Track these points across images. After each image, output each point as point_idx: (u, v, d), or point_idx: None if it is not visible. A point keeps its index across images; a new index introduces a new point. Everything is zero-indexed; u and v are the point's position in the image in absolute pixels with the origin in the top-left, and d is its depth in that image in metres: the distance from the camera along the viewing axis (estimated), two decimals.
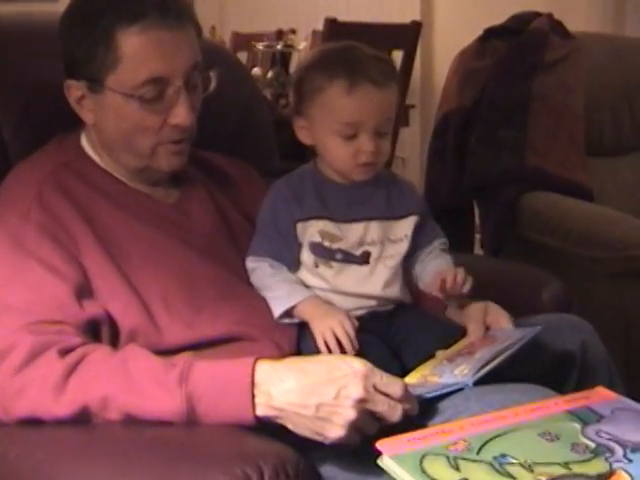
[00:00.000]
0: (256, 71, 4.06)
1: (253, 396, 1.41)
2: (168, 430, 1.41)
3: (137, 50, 1.62)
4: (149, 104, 1.64)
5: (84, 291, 1.58)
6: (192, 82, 1.69)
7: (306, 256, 1.75)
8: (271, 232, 1.77)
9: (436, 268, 1.79)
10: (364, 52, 1.75)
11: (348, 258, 1.74)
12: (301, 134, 1.79)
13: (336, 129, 1.72)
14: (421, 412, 1.47)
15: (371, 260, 1.76)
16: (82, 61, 1.65)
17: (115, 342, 1.58)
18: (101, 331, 1.58)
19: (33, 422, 1.45)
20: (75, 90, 1.68)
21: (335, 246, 1.74)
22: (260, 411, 1.41)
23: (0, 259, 1.59)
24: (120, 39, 1.61)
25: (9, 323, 1.50)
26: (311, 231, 1.74)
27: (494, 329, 1.71)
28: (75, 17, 1.67)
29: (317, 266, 1.74)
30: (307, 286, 1.74)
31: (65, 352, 1.47)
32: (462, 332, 1.71)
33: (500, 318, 1.73)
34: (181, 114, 1.66)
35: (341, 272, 1.74)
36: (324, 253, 1.74)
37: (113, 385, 1.43)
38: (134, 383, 1.43)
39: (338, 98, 1.71)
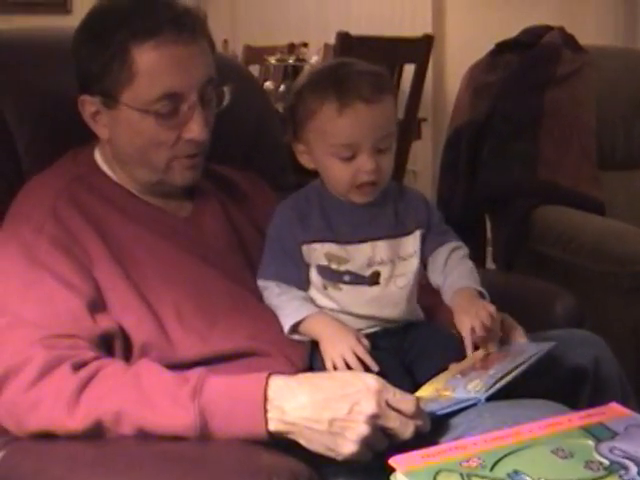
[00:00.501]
0: (268, 85, 4.07)
1: (266, 411, 1.40)
2: (181, 445, 1.41)
3: (152, 66, 1.62)
4: (164, 119, 1.65)
5: (97, 305, 1.58)
6: (206, 97, 1.69)
7: (314, 277, 1.74)
8: (277, 254, 1.76)
9: (455, 286, 1.75)
10: (354, 69, 1.70)
11: (357, 280, 1.73)
12: (302, 159, 1.77)
13: (333, 152, 1.69)
14: (434, 428, 1.46)
15: (381, 280, 1.74)
16: (97, 77, 1.65)
17: (128, 356, 1.59)
18: (114, 345, 1.58)
19: (47, 436, 1.45)
20: (89, 105, 1.69)
21: (343, 268, 1.72)
22: (272, 426, 1.41)
23: (14, 273, 1.59)
24: (135, 54, 1.61)
25: (23, 337, 1.50)
26: (317, 254, 1.73)
27: (509, 343, 1.71)
28: (89, 33, 1.67)
29: (326, 288, 1.73)
30: (317, 306, 1.73)
31: (79, 366, 1.47)
32: (475, 346, 1.70)
33: (514, 331, 1.73)
34: (196, 129, 1.66)
35: (350, 294, 1.73)
36: (332, 276, 1.72)
37: (126, 400, 1.43)
38: (147, 398, 1.43)
39: (330, 121, 1.67)
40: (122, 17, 1.64)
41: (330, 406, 1.40)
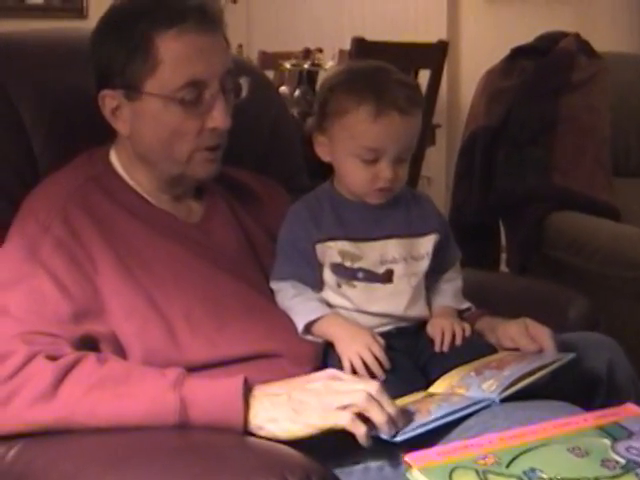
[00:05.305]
0: (283, 90, 4.07)
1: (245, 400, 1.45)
2: (193, 441, 1.42)
3: (177, 53, 1.62)
4: (188, 107, 1.64)
5: (89, 313, 1.57)
6: (227, 87, 1.69)
7: (328, 276, 1.75)
8: (291, 254, 1.77)
9: (440, 303, 1.83)
10: (392, 77, 1.74)
11: (370, 277, 1.74)
12: (320, 150, 1.79)
13: (357, 153, 1.72)
14: (449, 428, 1.47)
15: (395, 278, 1.75)
16: (119, 69, 1.65)
17: None
18: (100, 350, 1.57)
19: (55, 432, 1.45)
20: (110, 100, 1.68)
21: (356, 265, 1.73)
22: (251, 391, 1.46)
23: (12, 263, 1.60)
24: (159, 43, 1.62)
25: (5, 330, 1.51)
26: (330, 252, 1.74)
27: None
28: (111, 26, 1.67)
29: (340, 286, 1.74)
30: (331, 306, 1.74)
31: (54, 358, 1.47)
32: (491, 349, 1.72)
33: (541, 331, 1.73)
34: (219, 117, 1.66)
35: (364, 291, 1.74)
36: (345, 273, 1.73)
37: (104, 389, 1.45)
38: (127, 385, 1.46)
39: (363, 123, 1.70)
40: (144, 8, 1.65)
41: (290, 383, 1.50)
